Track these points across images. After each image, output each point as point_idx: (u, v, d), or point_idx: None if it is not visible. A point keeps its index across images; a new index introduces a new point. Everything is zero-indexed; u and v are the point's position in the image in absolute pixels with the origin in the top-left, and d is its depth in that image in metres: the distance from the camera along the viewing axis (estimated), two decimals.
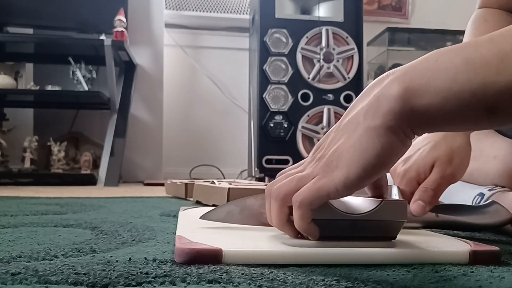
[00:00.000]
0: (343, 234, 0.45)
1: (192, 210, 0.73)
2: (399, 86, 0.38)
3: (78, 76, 2.49)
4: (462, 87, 0.36)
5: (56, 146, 2.54)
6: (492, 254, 0.45)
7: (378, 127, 0.38)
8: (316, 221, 0.43)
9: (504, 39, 0.36)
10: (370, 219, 0.44)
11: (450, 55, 0.38)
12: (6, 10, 2.55)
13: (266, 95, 2.37)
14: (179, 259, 0.42)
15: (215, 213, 0.56)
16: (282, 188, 0.44)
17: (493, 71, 0.35)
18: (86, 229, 0.67)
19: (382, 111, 0.39)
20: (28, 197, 1.37)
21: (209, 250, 0.42)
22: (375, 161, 0.39)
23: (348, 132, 0.41)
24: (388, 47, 2.85)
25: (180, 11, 2.97)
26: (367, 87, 0.42)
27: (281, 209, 0.44)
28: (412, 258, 0.44)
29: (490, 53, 0.36)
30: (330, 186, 0.41)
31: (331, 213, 0.44)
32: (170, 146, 2.92)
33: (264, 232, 0.52)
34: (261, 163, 2.35)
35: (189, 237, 0.47)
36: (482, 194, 0.71)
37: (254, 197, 0.55)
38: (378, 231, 0.45)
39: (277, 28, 2.40)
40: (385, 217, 0.45)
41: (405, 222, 0.46)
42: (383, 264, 0.43)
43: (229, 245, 0.44)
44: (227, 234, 0.51)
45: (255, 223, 0.55)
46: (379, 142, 0.38)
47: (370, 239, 0.45)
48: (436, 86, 0.37)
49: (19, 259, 0.44)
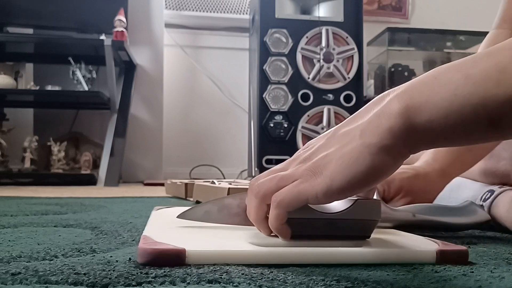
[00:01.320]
0: (317, 233, 0.45)
1: (165, 210, 0.72)
2: (399, 104, 0.38)
3: (78, 76, 2.49)
4: (463, 102, 0.35)
5: (56, 146, 2.54)
6: (460, 253, 0.45)
7: (372, 145, 0.38)
8: (290, 220, 0.43)
9: (502, 52, 0.36)
10: (344, 218, 0.45)
11: (449, 71, 0.38)
12: (6, 10, 2.55)
13: (266, 95, 2.37)
14: (141, 260, 0.41)
15: (193, 213, 0.56)
16: (262, 185, 0.43)
17: (493, 84, 0.35)
18: (86, 229, 0.67)
19: (381, 129, 0.38)
20: (28, 197, 1.37)
21: (172, 250, 0.41)
22: (361, 177, 0.38)
23: (341, 143, 0.40)
24: (388, 47, 2.85)
25: (180, 11, 2.97)
26: (368, 104, 0.42)
27: (260, 206, 0.44)
28: (378, 257, 0.44)
29: (489, 67, 0.35)
30: (310, 192, 0.40)
31: (306, 212, 0.43)
32: (170, 146, 2.92)
33: (236, 232, 0.51)
34: (261, 163, 2.35)
35: (155, 237, 0.46)
36: (492, 191, 0.71)
37: (232, 196, 0.55)
38: (352, 230, 0.45)
39: (277, 28, 2.40)
40: (359, 216, 0.45)
41: (379, 221, 0.46)
42: (383, 264, 0.43)
43: (194, 245, 0.43)
44: (195, 234, 0.50)
45: (233, 222, 0.54)
46: (369, 160, 0.38)
47: (344, 238, 0.45)
48: (437, 102, 0.36)
49: (19, 259, 0.44)
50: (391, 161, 0.38)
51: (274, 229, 0.43)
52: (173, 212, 0.69)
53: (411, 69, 2.94)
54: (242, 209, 0.52)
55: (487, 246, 0.56)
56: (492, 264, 0.45)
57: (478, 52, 0.38)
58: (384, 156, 0.38)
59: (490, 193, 0.71)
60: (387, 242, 0.48)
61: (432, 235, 0.57)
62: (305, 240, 0.44)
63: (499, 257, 0.49)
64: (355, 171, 0.38)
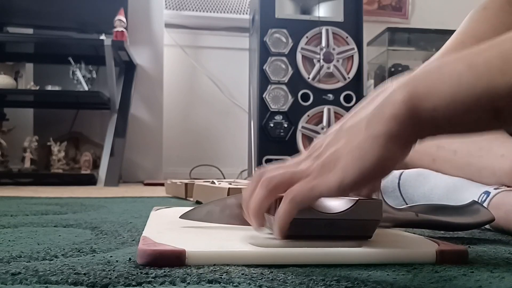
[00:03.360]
0: (319, 234, 0.45)
1: (164, 210, 0.72)
2: (403, 93, 0.38)
3: (78, 76, 2.49)
4: (467, 91, 0.36)
5: (56, 146, 2.54)
6: (460, 253, 0.45)
7: (379, 136, 0.38)
8: (291, 221, 0.43)
9: (505, 42, 0.36)
10: (345, 219, 0.45)
11: (453, 61, 0.38)
12: (6, 10, 2.55)
13: (266, 95, 2.37)
14: (141, 261, 0.41)
15: (195, 213, 0.56)
16: (274, 178, 0.43)
17: (497, 73, 0.35)
18: (86, 229, 0.67)
19: (385, 118, 0.38)
20: (28, 197, 1.37)
21: (171, 251, 0.41)
22: (372, 168, 0.39)
23: (349, 136, 0.41)
24: (388, 47, 2.85)
25: (180, 11, 2.97)
26: (371, 95, 0.42)
27: (266, 198, 0.44)
28: (378, 257, 0.44)
29: (493, 56, 0.36)
30: (323, 187, 0.40)
31: (307, 212, 0.43)
32: (170, 146, 2.92)
33: (236, 232, 0.51)
34: (261, 163, 2.35)
35: (155, 238, 0.45)
36: (488, 192, 0.71)
37: (234, 197, 0.55)
38: (353, 230, 0.46)
39: (277, 28, 2.40)
40: (360, 216, 0.45)
41: (380, 221, 0.46)
42: (383, 264, 0.43)
43: (194, 246, 0.43)
44: (195, 235, 0.50)
45: (235, 222, 0.54)
46: (378, 151, 0.38)
47: (345, 239, 0.45)
48: (441, 91, 0.37)
49: (19, 259, 0.44)
50: (399, 150, 0.39)
51: (279, 224, 0.43)
52: (172, 212, 0.69)
53: (411, 69, 2.94)
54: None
55: (487, 246, 0.56)
56: (492, 264, 0.45)
57: (481, 43, 0.38)
58: (392, 145, 0.38)
59: (486, 195, 0.71)
60: (387, 242, 0.48)
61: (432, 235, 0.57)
62: (306, 240, 0.44)
63: (499, 257, 0.49)
64: (366, 164, 0.39)
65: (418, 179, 0.84)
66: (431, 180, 0.82)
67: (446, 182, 0.80)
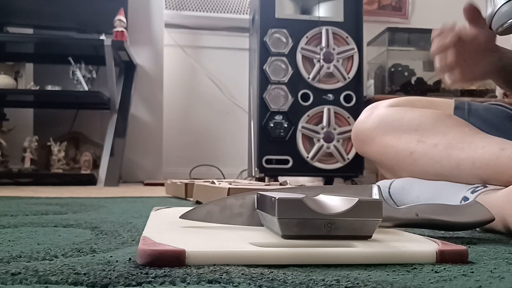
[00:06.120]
0: (319, 234, 0.45)
1: (164, 210, 0.72)
2: None
3: (78, 76, 2.49)
4: None
5: (56, 146, 2.54)
6: (459, 253, 0.45)
7: None
8: (291, 221, 0.43)
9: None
10: (345, 218, 0.45)
11: None
12: (6, 10, 2.55)
13: (266, 95, 2.37)
14: (141, 261, 0.41)
15: (195, 213, 0.56)
16: None
17: None
18: (86, 229, 0.67)
19: None
20: (28, 197, 1.37)
21: (172, 251, 0.41)
22: None
23: None
24: (388, 47, 2.85)
25: (180, 11, 2.97)
26: None
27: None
28: (378, 257, 0.44)
29: None
30: None
31: (307, 212, 0.43)
32: (170, 146, 2.92)
33: (236, 232, 0.51)
34: (261, 163, 2.35)
35: (155, 238, 0.46)
36: (466, 198, 0.72)
37: (234, 197, 0.55)
38: (354, 230, 0.46)
39: (277, 28, 2.40)
40: (360, 216, 0.45)
41: (380, 221, 0.46)
42: (383, 264, 0.43)
43: (193, 246, 0.43)
44: (194, 235, 0.50)
45: (235, 222, 0.54)
46: None
47: (345, 238, 0.45)
48: None
49: (19, 259, 0.44)
50: None
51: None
52: (171, 212, 0.69)
53: (411, 69, 2.94)
54: (244, 209, 0.52)
55: (487, 246, 0.56)
56: (492, 264, 0.45)
57: None
58: None
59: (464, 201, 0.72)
60: (387, 242, 0.48)
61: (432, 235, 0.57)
62: (306, 240, 0.44)
63: (499, 257, 0.49)
64: None
65: (405, 187, 0.84)
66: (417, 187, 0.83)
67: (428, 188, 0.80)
